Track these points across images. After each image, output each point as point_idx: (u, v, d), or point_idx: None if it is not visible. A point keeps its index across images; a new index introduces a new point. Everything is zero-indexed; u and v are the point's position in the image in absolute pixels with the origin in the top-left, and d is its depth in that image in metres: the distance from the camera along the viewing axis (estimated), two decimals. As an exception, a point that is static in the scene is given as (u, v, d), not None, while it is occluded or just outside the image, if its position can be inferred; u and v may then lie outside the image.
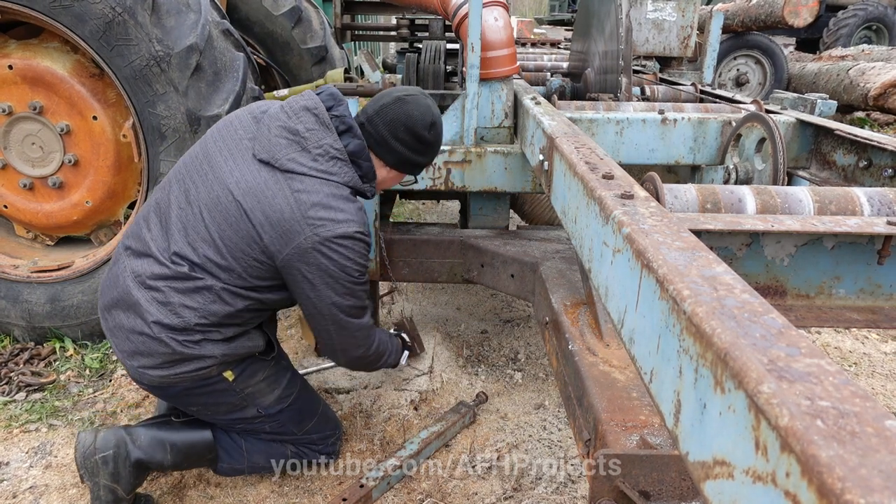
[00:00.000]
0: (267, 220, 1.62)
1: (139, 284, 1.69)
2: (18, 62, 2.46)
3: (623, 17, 2.74)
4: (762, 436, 0.50)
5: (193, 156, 1.79)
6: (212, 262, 1.67)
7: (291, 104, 1.74)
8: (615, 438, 1.21)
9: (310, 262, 1.64)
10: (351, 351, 1.89)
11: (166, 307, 1.67)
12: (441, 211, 5.07)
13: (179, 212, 1.71)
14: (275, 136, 1.68)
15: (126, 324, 1.70)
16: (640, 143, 2.36)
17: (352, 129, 1.75)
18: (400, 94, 1.80)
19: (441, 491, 2.03)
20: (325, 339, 1.84)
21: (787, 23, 7.97)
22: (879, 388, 2.73)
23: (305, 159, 1.66)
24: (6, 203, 2.69)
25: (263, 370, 1.87)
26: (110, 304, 1.76)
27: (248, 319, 1.78)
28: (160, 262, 1.68)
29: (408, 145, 1.80)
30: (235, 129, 1.76)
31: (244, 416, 1.89)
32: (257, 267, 1.68)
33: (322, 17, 4.24)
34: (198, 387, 1.76)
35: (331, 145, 1.69)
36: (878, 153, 1.83)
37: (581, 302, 1.84)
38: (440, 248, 2.52)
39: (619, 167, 1.22)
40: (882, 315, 1.23)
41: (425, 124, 1.78)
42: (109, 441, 1.79)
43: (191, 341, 1.68)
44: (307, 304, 1.74)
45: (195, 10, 2.38)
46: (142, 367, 1.71)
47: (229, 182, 1.68)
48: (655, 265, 0.76)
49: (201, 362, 1.71)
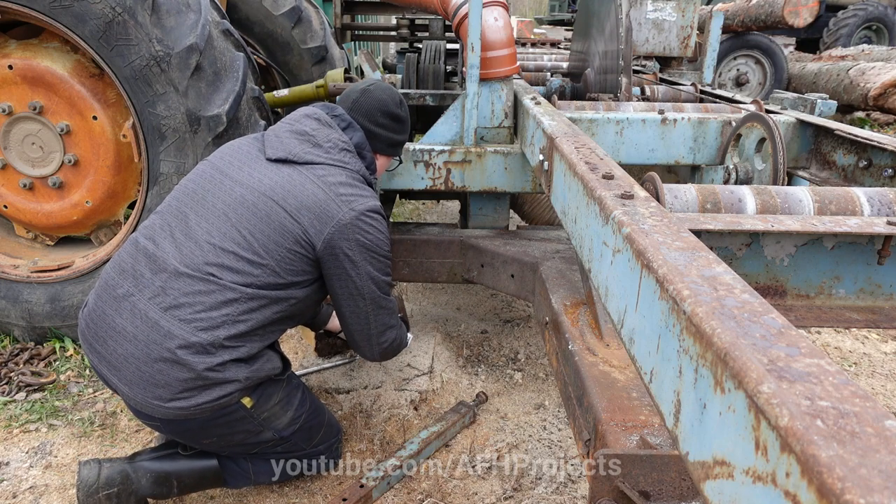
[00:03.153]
0: (303, 205, 1.67)
1: (160, 307, 1.59)
2: (18, 62, 2.46)
3: (623, 17, 2.74)
4: (762, 436, 0.50)
5: (200, 174, 1.78)
6: (244, 261, 1.62)
7: (291, 115, 1.88)
8: (615, 438, 1.21)
9: (350, 238, 1.70)
10: (387, 333, 1.90)
11: (194, 324, 1.58)
12: (441, 211, 5.07)
13: (200, 221, 1.66)
14: (285, 138, 1.78)
15: (134, 353, 1.59)
16: (640, 143, 2.36)
17: (352, 125, 1.89)
18: (363, 87, 1.96)
19: (441, 491, 2.03)
20: (362, 327, 1.84)
21: (787, 23, 7.97)
22: (879, 388, 2.73)
23: (319, 152, 1.77)
24: (6, 203, 2.69)
25: (278, 392, 1.80)
26: (105, 338, 1.64)
27: (271, 331, 1.72)
28: (186, 275, 1.60)
29: (388, 128, 1.95)
30: (239, 147, 1.84)
31: (259, 440, 1.81)
32: (291, 258, 1.66)
33: (322, 17, 4.24)
34: (216, 418, 1.66)
35: (338, 138, 1.82)
36: (878, 153, 1.83)
37: (581, 302, 1.84)
38: (440, 248, 2.52)
39: (619, 167, 1.22)
40: (882, 315, 1.23)
41: (396, 103, 1.95)
42: (114, 479, 1.74)
43: (217, 364, 1.58)
44: (348, 287, 1.75)
45: (195, 10, 2.38)
46: (158, 401, 1.58)
47: (251, 182, 1.70)
48: (655, 265, 0.76)
49: (224, 388, 1.61)
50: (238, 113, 2.46)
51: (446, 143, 2.43)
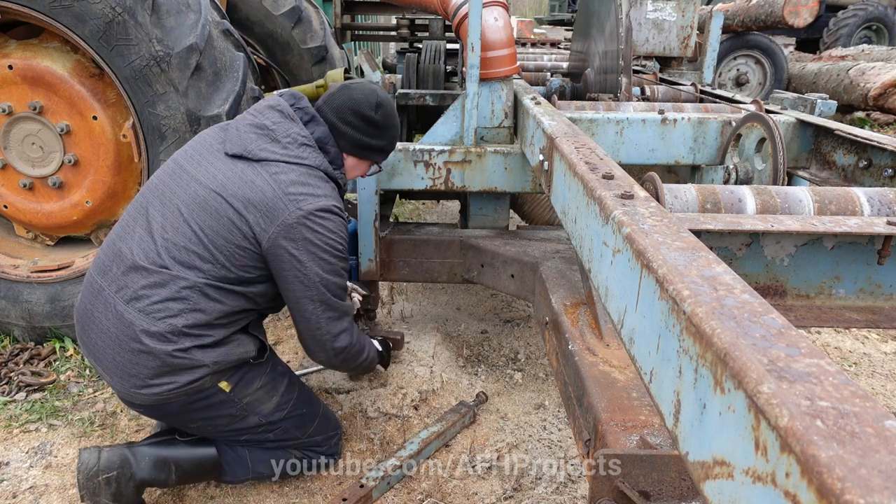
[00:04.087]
0: (250, 203, 1.66)
1: (123, 300, 1.66)
2: (18, 62, 2.46)
3: (623, 17, 2.74)
4: (762, 436, 0.50)
5: (165, 169, 1.82)
6: (195, 255, 1.66)
7: (256, 106, 1.85)
8: (615, 438, 1.20)
9: (295, 238, 1.68)
10: (341, 338, 1.85)
11: (152, 315, 1.63)
12: (441, 211, 5.07)
13: (157, 216, 1.71)
14: (244, 132, 1.76)
15: (109, 344, 1.67)
16: (640, 143, 2.36)
17: (315, 119, 1.85)
18: (347, 83, 1.94)
19: (441, 491, 2.03)
20: (313, 329, 1.81)
21: (787, 23, 7.97)
22: (879, 388, 2.73)
23: (276, 148, 1.74)
24: (6, 203, 2.69)
25: (260, 377, 1.84)
26: (89, 331, 1.72)
27: (235, 320, 1.75)
28: (143, 269, 1.66)
29: (356, 128, 1.87)
30: (204, 139, 1.84)
31: (246, 426, 1.85)
32: (240, 255, 1.68)
33: (322, 17, 4.24)
34: (194, 402, 1.72)
35: (298, 133, 1.78)
36: (878, 153, 1.83)
37: (581, 302, 1.84)
38: (440, 248, 2.52)
39: (618, 167, 1.22)
40: (882, 315, 1.23)
41: (370, 105, 1.87)
42: (113, 462, 1.76)
43: (180, 350, 1.64)
44: (295, 287, 1.73)
45: (195, 10, 2.38)
46: (134, 388, 1.67)
47: (205, 178, 1.71)
48: (655, 265, 0.76)
49: (193, 373, 1.67)
50: (238, 113, 2.46)
51: (446, 143, 2.43)
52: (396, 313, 3.19)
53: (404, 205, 4.96)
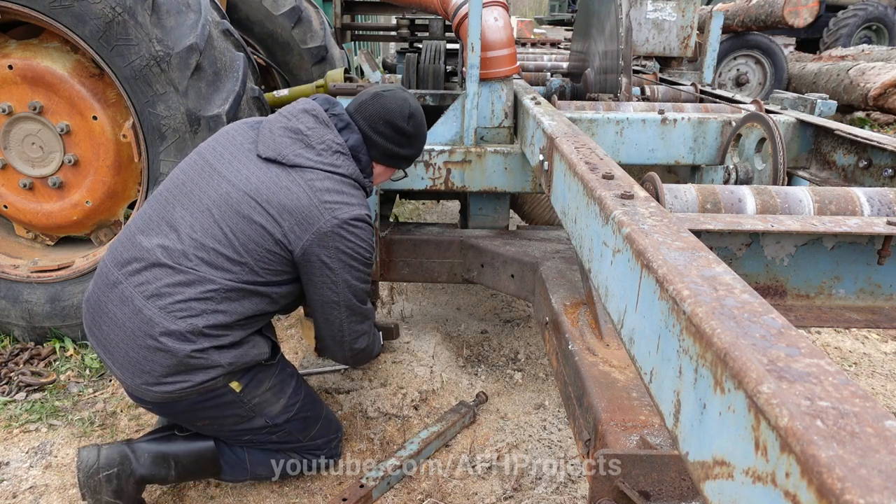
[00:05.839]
0: (285, 209, 1.66)
1: (143, 295, 1.64)
2: (18, 62, 2.46)
3: (623, 17, 2.74)
4: (762, 436, 0.50)
5: (191, 164, 1.79)
6: (223, 257, 1.65)
7: (289, 109, 1.82)
8: (615, 438, 1.20)
9: (329, 246, 1.68)
10: (360, 340, 1.91)
11: (174, 314, 1.62)
12: (441, 211, 5.07)
13: (185, 214, 1.69)
14: (278, 136, 1.74)
15: (123, 338, 1.65)
16: (640, 143, 2.36)
17: (349, 126, 1.84)
18: (377, 90, 1.90)
19: (441, 491, 2.03)
20: (335, 331, 1.84)
21: (787, 23, 7.97)
22: (879, 388, 2.73)
23: (311, 154, 1.73)
24: (6, 203, 2.69)
25: (269, 379, 1.84)
26: (100, 322, 1.70)
27: (254, 322, 1.75)
28: (169, 266, 1.64)
29: (388, 138, 1.87)
30: (233, 136, 1.81)
31: (251, 427, 1.85)
32: (270, 259, 1.68)
33: (322, 17, 4.24)
34: (204, 400, 1.72)
35: (333, 140, 1.77)
36: (878, 153, 1.83)
37: (581, 302, 1.84)
38: (440, 248, 2.52)
39: (618, 167, 1.22)
40: (882, 315, 1.23)
41: (403, 116, 1.86)
42: (113, 459, 1.76)
43: (198, 350, 1.63)
44: (323, 292, 1.75)
45: (195, 10, 2.38)
46: (145, 385, 1.65)
47: (238, 179, 1.69)
48: (655, 265, 0.76)
49: (208, 373, 1.66)
50: (238, 113, 2.46)
51: (446, 143, 2.43)
52: (396, 313, 3.19)
53: (404, 205, 4.96)
